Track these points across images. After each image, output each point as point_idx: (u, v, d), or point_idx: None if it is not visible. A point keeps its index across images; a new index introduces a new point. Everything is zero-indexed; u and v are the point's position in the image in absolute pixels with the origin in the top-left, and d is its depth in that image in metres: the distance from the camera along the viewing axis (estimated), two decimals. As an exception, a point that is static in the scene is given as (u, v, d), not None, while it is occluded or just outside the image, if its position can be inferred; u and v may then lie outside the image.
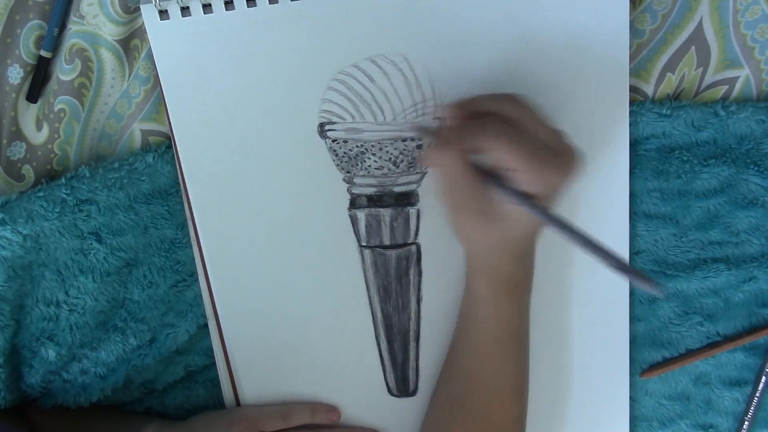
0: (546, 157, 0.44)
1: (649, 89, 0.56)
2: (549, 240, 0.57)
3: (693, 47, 0.55)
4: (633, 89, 0.56)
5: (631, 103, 0.55)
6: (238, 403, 0.59)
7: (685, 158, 0.57)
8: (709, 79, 0.56)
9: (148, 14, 0.51)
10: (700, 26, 0.54)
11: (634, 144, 0.56)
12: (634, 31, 0.54)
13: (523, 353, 0.54)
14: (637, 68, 0.55)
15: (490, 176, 0.46)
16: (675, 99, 0.56)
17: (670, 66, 0.55)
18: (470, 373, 0.54)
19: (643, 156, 0.57)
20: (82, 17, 0.51)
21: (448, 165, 0.46)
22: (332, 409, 0.59)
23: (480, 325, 0.53)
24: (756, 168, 0.57)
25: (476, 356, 0.54)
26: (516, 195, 0.45)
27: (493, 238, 0.48)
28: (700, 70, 0.56)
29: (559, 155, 0.45)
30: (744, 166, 0.57)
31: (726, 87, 0.56)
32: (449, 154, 0.46)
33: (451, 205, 0.48)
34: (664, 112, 0.56)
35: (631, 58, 0.55)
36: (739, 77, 0.56)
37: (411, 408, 0.60)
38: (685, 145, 0.57)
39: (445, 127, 0.48)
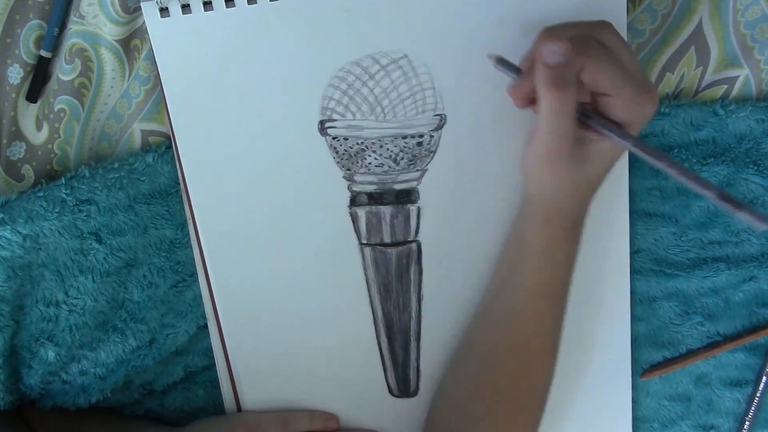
0: (640, 84, 0.44)
1: (648, 89, 0.56)
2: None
3: (693, 47, 0.55)
4: (633, 89, 0.56)
5: (631, 102, 0.55)
6: (238, 403, 0.59)
7: (684, 157, 0.57)
8: (708, 78, 0.56)
9: (149, 12, 0.51)
10: (699, 26, 0.55)
11: (633, 143, 0.56)
12: (634, 31, 0.54)
13: (561, 314, 0.52)
14: (637, 68, 0.55)
15: (587, 110, 0.45)
16: (674, 98, 0.56)
17: (670, 66, 0.56)
18: (506, 334, 0.53)
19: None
20: (82, 17, 0.51)
21: (564, 103, 0.44)
22: (331, 416, 0.59)
23: (529, 280, 0.51)
24: (755, 167, 0.57)
25: (516, 316, 0.52)
26: (609, 125, 0.44)
27: (568, 180, 0.47)
28: (700, 69, 0.56)
29: (649, 86, 0.45)
30: (743, 165, 0.57)
31: (725, 87, 0.56)
32: (565, 92, 0.43)
33: (547, 149, 0.46)
34: (663, 110, 0.56)
35: (631, 57, 0.55)
36: (738, 77, 0.56)
37: (412, 409, 0.60)
38: (684, 144, 0.57)
39: (560, 63, 0.44)
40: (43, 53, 0.51)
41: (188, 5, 0.51)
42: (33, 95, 0.52)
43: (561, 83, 0.43)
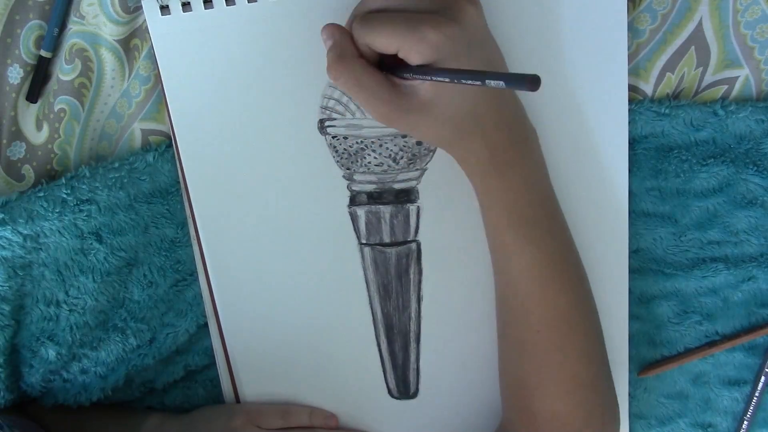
0: (418, 23, 0.43)
1: (648, 89, 0.56)
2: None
3: (693, 47, 0.55)
4: (632, 89, 0.56)
5: (630, 101, 0.55)
6: (238, 402, 0.60)
7: (683, 158, 0.57)
8: (708, 78, 0.56)
9: (150, 9, 0.51)
10: (699, 26, 0.54)
11: (632, 143, 0.56)
12: (634, 30, 0.54)
13: (550, 234, 0.50)
14: (637, 68, 0.55)
15: (391, 67, 0.46)
16: (674, 99, 0.56)
17: (670, 66, 0.55)
18: (500, 275, 0.52)
19: (641, 155, 0.57)
20: (82, 17, 0.51)
21: (349, 76, 0.45)
22: (331, 415, 0.59)
23: (486, 217, 0.51)
24: (755, 168, 0.57)
25: (494, 250, 0.52)
26: (411, 71, 0.44)
27: (443, 125, 0.47)
28: (700, 70, 0.56)
29: (439, 14, 0.44)
30: (743, 165, 0.57)
31: (725, 87, 0.56)
32: (342, 65, 0.45)
33: (381, 115, 0.47)
34: (662, 111, 0.56)
35: (631, 57, 0.55)
36: (738, 77, 0.56)
37: (412, 410, 0.60)
38: (684, 144, 0.57)
39: (331, 44, 0.47)
40: (43, 53, 0.51)
41: (189, 3, 0.51)
42: (33, 95, 0.52)
43: (334, 62, 0.46)
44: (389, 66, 0.46)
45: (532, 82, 0.36)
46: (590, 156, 0.55)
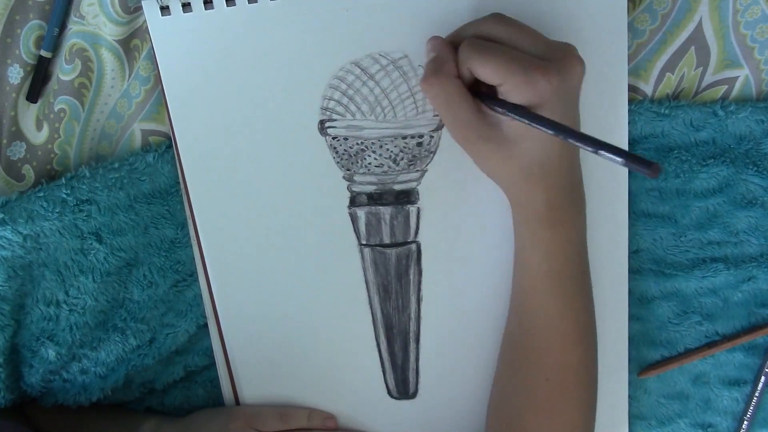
0: (530, 65, 0.44)
1: (648, 89, 0.56)
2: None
3: (692, 47, 0.55)
4: (632, 89, 0.56)
5: (630, 102, 0.55)
6: (237, 403, 0.60)
7: (683, 158, 0.57)
8: (708, 79, 0.56)
9: (150, 10, 0.51)
10: (699, 26, 0.54)
11: (632, 143, 0.56)
12: (634, 30, 0.54)
13: (581, 291, 0.52)
14: (637, 68, 0.55)
15: (486, 96, 0.46)
16: (674, 99, 0.56)
17: (670, 66, 0.55)
18: (522, 316, 0.53)
19: (641, 154, 0.57)
20: (82, 17, 0.51)
21: (440, 91, 0.46)
22: (329, 416, 0.59)
23: (526, 265, 0.52)
24: (755, 168, 0.57)
25: (522, 292, 0.53)
26: (507, 107, 0.45)
27: (512, 165, 0.47)
28: (700, 70, 0.56)
29: (551, 62, 0.44)
30: (743, 166, 0.57)
31: (725, 87, 0.56)
32: (438, 80, 0.46)
33: (460, 136, 0.48)
34: (662, 111, 0.56)
35: (631, 57, 0.55)
36: (738, 77, 0.56)
37: (411, 411, 0.60)
38: (684, 144, 0.57)
39: (433, 57, 0.48)
40: (43, 53, 0.51)
41: (189, 4, 0.51)
42: (33, 95, 0.52)
43: (430, 75, 0.46)
44: (483, 94, 0.46)
45: (653, 169, 0.35)
46: (590, 156, 0.55)
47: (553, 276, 0.50)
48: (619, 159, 0.37)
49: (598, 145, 0.39)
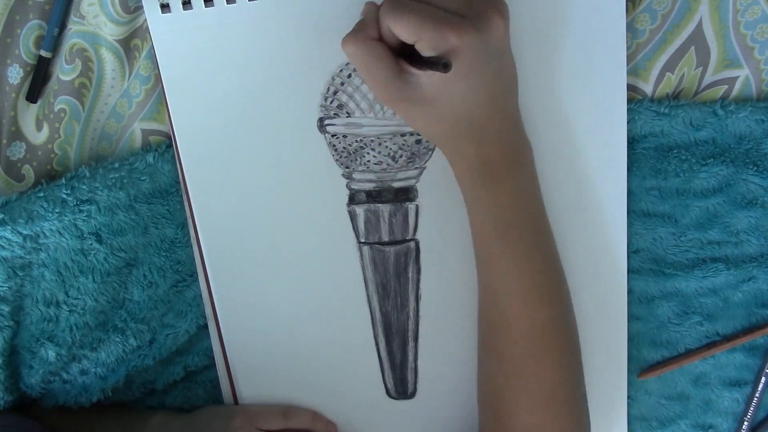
0: (441, 21, 0.43)
1: (648, 89, 0.56)
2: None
3: (692, 47, 0.55)
4: (632, 89, 0.56)
5: (630, 101, 0.55)
6: (236, 403, 0.59)
7: (683, 157, 0.57)
8: (708, 79, 0.56)
9: (150, 7, 0.51)
10: (699, 26, 0.54)
11: (632, 142, 0.56)
12: (634, 30, 0.54)
13: (536, 248, 0.50)
14: (637, 68, 0.55)
15: (407, 58, 0.46)
16: (674, 99, 0.56)
17: (670, 66, 0.55)
18: (483, 283, 0.52)
19: (641, 155, 0.57)
20: (82, 17, 0.51)
21: (355, 51, 0.46)
22: (331, 423, 0.59)
23: (473, 223, 0.51)
24: (755, 168, 0.57)
25: (479, 258, 0.52)
26: (424, 64, 0.45)
27: (440, 123, 0.47)
28: (700, 70, 0.56)
29: (466, 17, 0.44)
30: (743, 165, 0.57)
31: (725, 87, 0.56)
32: (355, 40, 0.46)
33: (382, 97, 0.48)
34: (662, 110, 0.56)
35: (631, 57, 0.55)
36: (738, 77, 0.56)
37: (410, 411, 0.60)
38: (684, 144, 0.57)
39: (360, 20, 0.48)
40: (43, 53, 0.51)
41: (189, 1, 0.51)
42: (33, 95, 0.52)
43: (349, 36, 0.46)
44: (406, 53, 0.46)
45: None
46: (589, 156, 0.55)
47: (499, 232, 0.49)
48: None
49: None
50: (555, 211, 0.56)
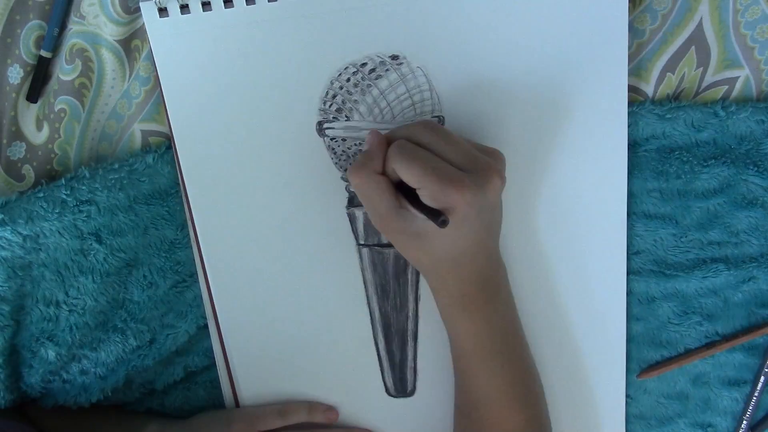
0: (446, 177, 0.45)
1: (649, 89, 0.56)
2: (546, 237, 0.57)
3: (693, 47, 0.55)
4: (633, 89, 0.56)
5: (631, 103, 0.55)
6: (237, 403, 0.60)
7: (684, 159, 0.57)
8: (709, 79, 0.56)
9: (148, 12, 0.51)
10: (700, 26, 0.54)
11: (634, 144, 0.56)
12: (634, 31, 0.54)
13: (511, 362, 0.54)
14: (637, 68, 0.55)
15: (408, 196, 0.48)
16: (675, 99, 0.56)
17: (670, 66, 0.55)
18: (462, 388, 0.55)
19: (642, 156, 0.57)
20: (82, 17, 0.51)
21: (361, 184, 0.48)
22: (330, 408, 0.60)
23: (452, 342, 0.55)
24: (756, 168, 0.57)
25: (459, 370, 0.55)
26: (421, 208, 0.46)
27: (427, 256, 0.50)
28: (700, 70, 0.56)
29: (469, 175, 0.46)
30: (744, 166, 0.57)
31: (726, 87, 0.56)
32: (360, 173, 0.48)
33: (378, 226, 0.50)
34: (663, 112, 0.56)
35: (631, 58, 0.55)
36: (739, 77, 0.56)
37: (409, 409, 0.60)
38: (685, 145, 0.57)
39: (365, 151, 0.50)
40: (44, 53, 0.51)
41: (187, 6, 0.51)
42: (33, 95, 0.52)
43: (356, 168, 0.48)
44: (405, 190, 0.48)
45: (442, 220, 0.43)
46: (589, 157, 0.55)
47: (477, 352, 0.53)
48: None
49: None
50: (555, 214, 0.56)
